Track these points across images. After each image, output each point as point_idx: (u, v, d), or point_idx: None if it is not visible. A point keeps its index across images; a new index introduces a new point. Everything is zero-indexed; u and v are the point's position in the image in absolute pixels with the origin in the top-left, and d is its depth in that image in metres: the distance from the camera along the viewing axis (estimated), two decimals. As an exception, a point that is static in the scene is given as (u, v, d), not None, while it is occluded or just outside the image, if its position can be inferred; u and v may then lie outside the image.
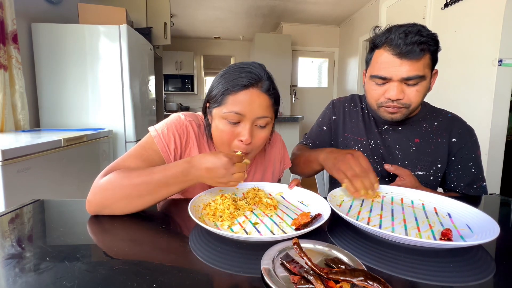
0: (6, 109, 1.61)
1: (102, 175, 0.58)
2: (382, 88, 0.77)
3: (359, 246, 0.44)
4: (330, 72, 5.00)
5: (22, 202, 0.60)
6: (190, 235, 0.47)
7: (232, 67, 0.67)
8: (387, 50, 0.73)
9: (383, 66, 0.74)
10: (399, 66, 0.72)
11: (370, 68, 0.80)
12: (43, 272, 0.35)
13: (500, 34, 1.84)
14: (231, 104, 0.62)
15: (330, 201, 0.58)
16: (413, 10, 2.69)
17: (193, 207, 0.52)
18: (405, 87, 0.74)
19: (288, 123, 2.80)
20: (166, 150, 0.66)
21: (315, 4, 3.86)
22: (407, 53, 0.70)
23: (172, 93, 5.70)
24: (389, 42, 0.72)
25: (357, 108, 0.94)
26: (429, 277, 0.37)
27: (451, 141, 0.83)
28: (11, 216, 0.54)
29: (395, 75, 0.72)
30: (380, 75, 0.75)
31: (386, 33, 0.75)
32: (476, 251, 0.44)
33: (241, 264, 0.38)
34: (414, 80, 0.72)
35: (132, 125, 2.04)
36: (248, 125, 0.63)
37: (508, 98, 1.91)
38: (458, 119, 0.87)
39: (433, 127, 0.85)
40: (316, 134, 0.98)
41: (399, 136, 0.86)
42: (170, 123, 0.69)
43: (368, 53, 0.82)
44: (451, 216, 0.56)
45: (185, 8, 4.04)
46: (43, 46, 1.88)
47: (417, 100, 0.76)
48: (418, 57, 0.70)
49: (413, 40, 0.69)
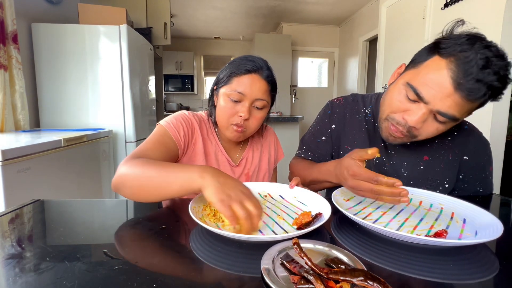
0: (6, 109, 1.61)
1: (126, 160, 0.60)
2: (408, 104, 0.62)
3: (360, 244, 0.44)
4: (330, 72, 5.00)
5: (22, 202, 0.60)
6: (190, 235, 0.47)
7: (239, 57, 0.77)
8: (449, 68, 0.55)
9: (429, 83, 0.57)
10: (446, 96, 0.55)
11: (413, 72, 0.62)
12: (43, 272, 0.35)
13: (500, 34, 1.84)
14: (235, 84, 0.73)
15: (338, 195, 0.58)
16: (413, 10, 2.69)
17: (193, 208, 0.52)
18: (430, 119, 0.60)
19: (288, 123, 2.80)
20: (178, 136, 0.74)
21: (315, 4, 3.87)
22: (469, 89, 0.53)
23: (172, 93, 5.71)
24: (459, 59, 0.54)
25: (360, 115, 0.82)
26: (431, 274, 0.37)
27: (462, 159, 0.74)
28: (11, 216, 0.54)
29: (434, 103, 0.57)
30: (419, 91, 0.58)
31: (465, 42, 0.55)
32: (479, 250, 0.44)
33: (241, 264, 0.38)
34: (447, 119, 0.58)
35: (132, 125, 2.04)
36: (247, 103, 0.73)
37: (508, 98, 1.91)
38: (474, 132, 0.76)
39: (446, 142, 0.75)
40: (315, 145, 0.87)
41: (406, 152, 0.76)
42: (176, 116, 0.78)
43: (427, 50, 0.62)
44: (465, 221, 0.53)
45: (185, 8, 4.04)
46: (43, 46, 1.88)
47: (428, 135, 0.64)
48: (475, 100, 0.54)
49: (488, 79, 0.52)
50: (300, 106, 4.91)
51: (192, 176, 0.50)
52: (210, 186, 0.47)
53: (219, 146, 0.83)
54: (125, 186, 0.57)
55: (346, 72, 4.59)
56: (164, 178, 0.53)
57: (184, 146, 0.76)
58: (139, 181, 0.55)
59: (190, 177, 0.50)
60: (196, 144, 0.79)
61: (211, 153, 0.81)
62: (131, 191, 0.57)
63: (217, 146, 0.83)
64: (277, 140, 0.97)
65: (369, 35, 3.82)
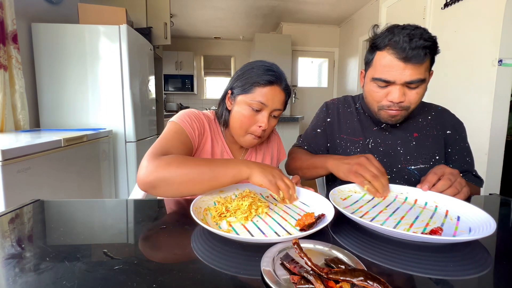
0: (6, 109, 1.61)
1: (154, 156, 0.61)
2: (384, 90, 0.77)
3: (357, 242, 0.44)
4: (330, 72, 5.00)
5: (22, 202, 0.60)
6: (191, 235, 0.47)
7: (257, 64, 0.78)
8: (391, 53, 0.72)
9: (386, 70, 0.74)
10: (402, 70, 0.71)
11: (371, 70, 0.79)
12: (43, 272, 0.35)
13: (500, 34, 1.84)
14: (257, 95, 0.74)
15: (335, 194, 0.60)
16: (413, 10, 2.69)
17: (195, 209, 0.52)
18: (407, 90, 0.75)
19: (288, 123, 2.80)
20: (193, 135, 0.75)
21: (315, 4, 3.87)
22: (411, 58, 0.69)
23: (172, 93, 5.71)
24: (393, 45, 0.72)
25: (351, 108, 0.95)
26: (428, 270, 0.37)
27: (446, 133, 0.87)
28: (11, 216, 0.54)
29: (399, 79, 0.73)
30: (383, 78, 0.75)
31: (388, 34, 0.74)
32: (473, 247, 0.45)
33: (242, 264, 0.38)
34: (416, 83, 0.73)
35: (132, 125, 2.04)
36: (267, 114, 0.75)
37: (508, 98, 1.91)
38: (448, 112, 0.91)
39: (427, 120, 0.89)
40: (311, 137, 0.98)
41: (399, 132, 0.88)
42: (189, 113, 0.78)
43: (368, 52, 0.81)
44: (459, 219, 0.54)
45: (185, 8, 4.04)
46: (43, 46, 1.88)
47: (417, 102, 0.77)
48: (422, 61, 0.70)
49: (418, 44, 0.69)
50: (300, 106, 4.91)
51: (241, 168, 0.60)
52: (257, 173, 0.59)
53: (225, 147, 0.84)
54: (170, 183, 0.58)
55: (346, 72, 4.59)
56: (216, 172, 0.59)
57: (198, 144, 0.77)
58: (188, 177, 0.58)
59: (240, 168, 0.60)
60: (206, 143, 0.80)
61: (217, 153, 0.82)
62: (177, 187, 0.58)
63: (223, 146, 0.84)
64: (280, 142, 0.99)
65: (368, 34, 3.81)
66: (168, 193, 0.60)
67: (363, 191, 0.68)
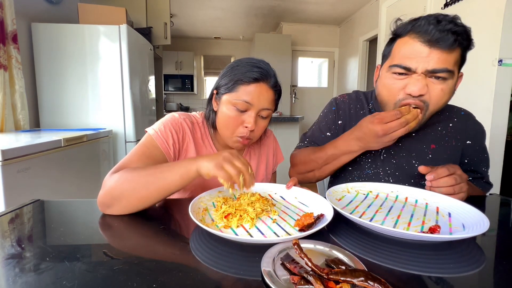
0: (6, 109, 1.61)
1: (111, 174, 0.58)
2: (402, 82, 0.65)
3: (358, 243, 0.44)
4: (330, 72, 5.00)
5: (22, 202, 0.60)
6: (191, 236, 0.47)
7: (243, 61, 0.72)
8: (413, 37, 0.62)
9: (407, 55, 0.63)
10: (426, 56, 0.61)
11: (389, 60, 0.69)
12: (43, 272, 0.35)
13: (500, 34, 1.83)
14: (242, 93, 0.68)
15: (330, 195, 0.60)
16: (413, 10, 2.68)
17: (194, 210, 0.52)
18: (430, 82, 0.63)
19: (288, 123, 2.79)
20: (166, 146, 0.69)
21: (315, 4, 3.86)
22: (438, 40, 0.59)
23: (172, 93, 5.70)
24: (416, 29, 0.62)
25: (364, 110, 0.84)
26: (426, 268, 0.38)
27: (465, 144, 0.78)
28: (11, 216, 0.54)
29: (421, 66, 0.61)
30: (402, 64, 0.63)
31: (412, 21, 0.64)
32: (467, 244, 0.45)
33: (242, 265, 0.38)
34: (442, 73, 0.61)
35: (132, 125, 2.04)
36: (254, 114, 0.69)
37: (508, 98, 1.91)
38: (472, 119, 0.80)
39: (448, 129, 0.78)
40: (320, 140, 0.86)
41: (414, 143, 0.77)
42: (165, 121, 0.73)
43: (387, 45, 0.71)
44: (451, 215, 0.56)
45: (185, 8, 4.04)
46: (43, 46, 1.88)
47: (438, 102, 0.65)
48: (451, 47, 0.59)
49: (447, 27, 0.59)
50: (300, 106, 4.91)
51: (187, 165, 0.55)
52: (203, 162, 0.54)
53: (213, 150, 0.79)
54: (121, 200, 0.54)
55: (346, 72, 4.59)
56: (162, 178, 0.55)
57: (174, 154, 0.71)
58: (135, 190, 0.54)
59: (186, 166, 0.55)
60: (188, 150, 0.75)
61: None
62: (127, 202, 0.54)
63: (212, 150, 0.79)
64: (276, 144, 0.94)
65: (369, 35, 3.82)
66: (124, 209, 0.54)
67: (352, 190, 0.68)
